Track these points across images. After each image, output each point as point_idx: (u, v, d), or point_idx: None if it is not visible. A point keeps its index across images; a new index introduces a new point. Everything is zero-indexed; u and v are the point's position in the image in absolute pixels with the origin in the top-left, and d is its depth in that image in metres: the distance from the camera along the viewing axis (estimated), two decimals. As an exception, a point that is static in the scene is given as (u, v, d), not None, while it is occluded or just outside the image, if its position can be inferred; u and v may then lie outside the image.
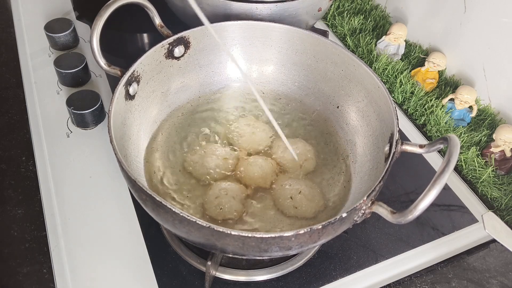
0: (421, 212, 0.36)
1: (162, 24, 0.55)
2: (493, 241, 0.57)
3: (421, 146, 0.45)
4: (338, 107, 0.59)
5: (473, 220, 0.59)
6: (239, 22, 0.58)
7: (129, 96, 0.49)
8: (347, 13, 0.87)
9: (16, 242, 0.53)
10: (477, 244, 0.57)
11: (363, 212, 0.40)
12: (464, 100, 0.68)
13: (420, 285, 0.52)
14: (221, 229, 0.35)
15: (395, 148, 0.44)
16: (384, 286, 0.52)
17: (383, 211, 0.39)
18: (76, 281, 0.49)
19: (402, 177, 0.63)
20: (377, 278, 0.53)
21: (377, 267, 0.53)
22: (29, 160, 0.61)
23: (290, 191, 0.50)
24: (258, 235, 0.35)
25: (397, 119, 0.47)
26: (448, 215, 0.59)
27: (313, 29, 0.75)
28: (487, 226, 0.58)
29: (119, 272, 0.50)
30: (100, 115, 0.65)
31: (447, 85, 0.76)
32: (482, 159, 0.65)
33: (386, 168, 0.42)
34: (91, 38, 0.48)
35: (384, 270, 0.53)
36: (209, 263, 0.46)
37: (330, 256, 0.54)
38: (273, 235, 0.36)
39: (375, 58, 0.78)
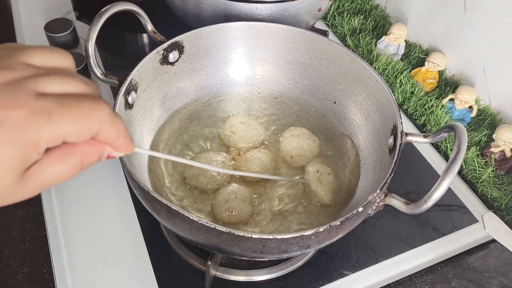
0: (435, 202, 0.36)
1: (155, 30, 0.55)
2: (493, 241, 0.57)
3: (425, 136, 0.45)
4: (335, 102, 0.59)
5: (473, 220, 0.59)
6: (232, 23, 0.57)
7: (128, 106, 0.49)
8: (347, 13, 0.87)
9: (16, 242, 0.53)
10: (477, 244, 0.57)
11: (377, 205, 0.40)
12: (464, 100, 0.68)
13: (420, 285, 0.52)
14: (241, 233, 0.35)
15: (401, 140, 0.44)
16: (384, 286, 0.52)
17: (396, 202, 0.40)
18: (76, 281, 0.49)
19: (401, 177, 0.63)
20: (377, 278, 0.53)
21: (377, 267, 0.53)
22: (29, 160, 0.61)
23: (322, 169, 0.52)
24: (279, 236, 0.35)
25: (399, 110, 0.47)
26: (448, 215, 0.59)
27: (313, 29, 0.75)
28: (487, 226, 0.58)
29: (119, 272, 0.50)
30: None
31: (447, 85, 0.76)
32: (482, 159, 0.65)
33: (394, 160, 0.43)
34: (86, 49, 0.47)
35: (384, 270, 0.53)
36: (209, 263, 0.46)
37: (330, 256, 0.54)
38: (294, 235, 0.36)
39: (375, 58, 0.78)
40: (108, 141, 0.26)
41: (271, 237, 0.35)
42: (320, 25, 0.88)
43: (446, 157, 0.67)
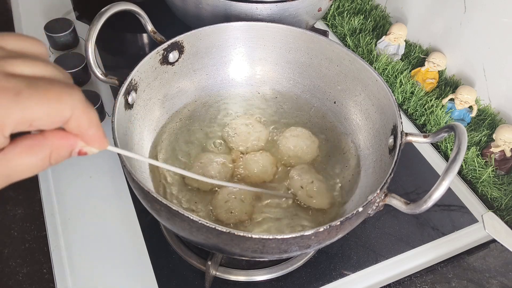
0: (435, 202, 0.36)
1: (155, 30, 0.55)
2: (493, 241, 0.57)
3: (425, 136, 0.45)
4: (335, 102, 0.59)
5: (473, 220, 0.59)
6: (232, 23, 0.57)
7: (128, 106, 0.49)
8: (347, 13, 0.87)
9: (16, 242, 0.53)
10: (477, 244, 0.57)
11: (377, 205, 0.40)
12: (464, 100, 0.68)
13: (420, 285, 0.52)
14: (241, 233, 0.35)
15: (401, 140, 0.45)
16: (384, 286, 0.52)
17: (396, 202, 0.40)
18: (76, 281, 0.49)
19: (401, 177, 0.63)
20: (377, 278, 0.53)
21: (377, 267, 0.53)
22: (29, 160, 0.61)
23: (301, 182, 0.51)
24: (279, 236, 0.35)
25: (399, 110, 0.47)
26: (448, 215, 0.59)
27: (313, 29, 0.75)
28: (487, 226, 0.58)
29: (119, 272, 0.50)
30: (100, 115, 0.65)
31: (447, 85, 0.76)
32: (482, 159, 0.65)
33: (395, 160, 0.43)
34: (86, 49, 0.47)
35: (384, 270, 0.53)
36: (209, 263, 0.46)
37: (330, 256, 0.54)
38: (294, 235, 0.36)
39: (375, 58, 0.78)
40: (79, 131, 0.24)
41: (271, 237, 0.35)
42: (320, 25, 0.88)
43: (446, 157, 0.67)
